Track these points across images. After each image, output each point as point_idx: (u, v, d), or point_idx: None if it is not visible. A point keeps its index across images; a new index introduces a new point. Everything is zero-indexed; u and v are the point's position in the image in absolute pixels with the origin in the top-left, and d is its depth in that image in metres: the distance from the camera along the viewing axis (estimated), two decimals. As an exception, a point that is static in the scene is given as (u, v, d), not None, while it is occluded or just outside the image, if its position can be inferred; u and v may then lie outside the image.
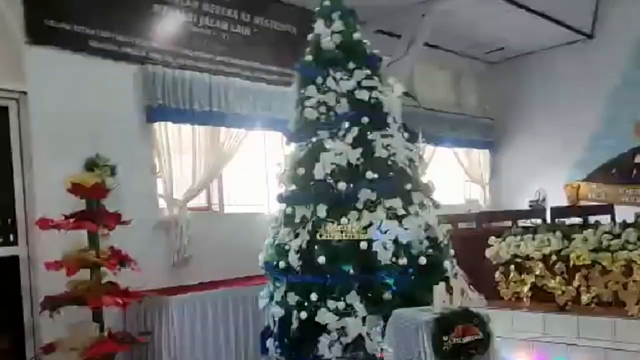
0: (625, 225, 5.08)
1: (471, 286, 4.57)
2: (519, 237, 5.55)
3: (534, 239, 5.40)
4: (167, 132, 5.82)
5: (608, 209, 7.18)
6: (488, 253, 5.72)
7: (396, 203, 4.22)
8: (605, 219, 6.27)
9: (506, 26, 8.66)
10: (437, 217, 4.63)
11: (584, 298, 4.97)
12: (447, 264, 4.21)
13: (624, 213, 6.87)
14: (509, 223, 6.77)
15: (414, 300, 3.90)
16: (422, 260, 4.11)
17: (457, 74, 10.01)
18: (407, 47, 7.20)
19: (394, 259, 4.11)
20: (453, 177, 10.07)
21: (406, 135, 4.55)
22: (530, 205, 9.70)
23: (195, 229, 5.90)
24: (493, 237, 5.75)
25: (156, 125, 5.74)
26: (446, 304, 3.36)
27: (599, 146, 9.18)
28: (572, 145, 9.39)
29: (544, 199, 9.75)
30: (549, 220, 6.57)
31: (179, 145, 5.96)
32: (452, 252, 4.37)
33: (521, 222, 6.76)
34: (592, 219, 6.30)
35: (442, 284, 3.50)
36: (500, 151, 10.48)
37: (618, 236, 4.87)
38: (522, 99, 10.10)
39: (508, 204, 9.97)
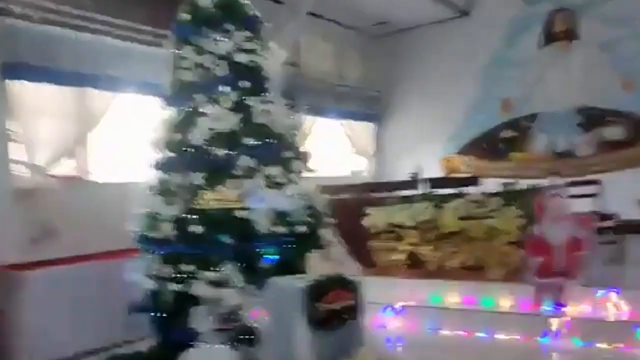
0: (490, 194, 5.43)
1: (349, 254, 4.64)
2: (396, 207, 5.76)
3: (409, 208, 5.63)
4: (27, 92, 5.24)
5: (475, 181, 7.62)
6: (366, 222, 5.88)
7: (276, 171, 4.14)
8: (475, 190, 6.66)
9: (389, 0, 8.81)
10: (320, 187, 4.63)
11: (452, 264, 5.30)
12: (325, 232, 4.22)
13: (491, 185, 7.35)
14: (388, 193, 7.02)
15: (292, 269, 3.88)
16: (301, 229, 4.08)
17: (342, 45, 10.06)
18: (290, 15, 7.06)
19: (272, 228, 4.04)
20: (340, 149, 10.22)
21: (287, 102, 4.46)
22: (410, 177, 10.08)
23: (62, 199, 5.42)
24: (371, 207, 5.93)
25: (13, 83, 5.14)
26: (322, 272, 3.36)
27: (470, 122, 9.74)
28: (447, 121, 9.87)
29: (422, 171, 10.17)
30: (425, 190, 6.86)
31: (42, 107, 5.39)
32: (330, 220, 4.38)
33: (400, 193, 7.04)
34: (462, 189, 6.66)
35: (317, 252, 3.50)
36: (384, 124, 10.78)
37: (484, 204, 5.21)
38: (404, 74, 10.41)
39: (392, 175, 10.30)
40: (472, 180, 7.06)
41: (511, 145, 9.36)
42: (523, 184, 7.15)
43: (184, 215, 4.11)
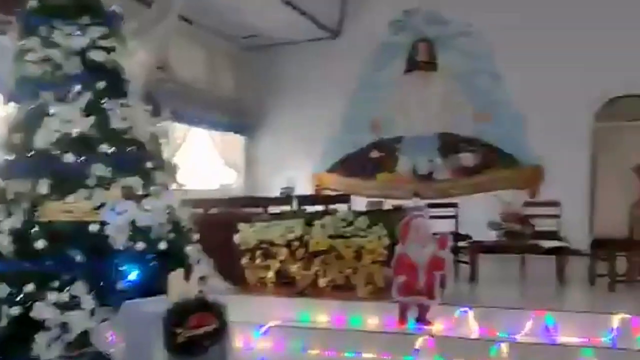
0: (358, 213, 5.49)
1: (218, 272, 4.37)
2: (266, 223, 5.61)
3: (280, 225, 5.50)
4: None
5: (346, 199, 7.77)
6: (236, 238, 5.66)
7: (135, 182, 3.76)
8: (344, 207, 6.76)
9: (260, 13, 8.75)
10: (186, 201, 4.32)
11: (321, 282, 5.25)
12: (189, 249, 3.91)
13: (360, 203, 7.53)
14: (259, 209, 6.86)
15: (151, 289, 3.52)
16: (162, 246, 3.74)
17: (214, 53, 9.79)
18: (159, 16, 6.65)
19: (130, 244, 3.65)
20: (209, 161, 9.87)
21: (149, 108, 4.09)
22: (281, 193, 10.04)
23: None
24: (242, 223, 5.72)
25: None
26: (184, 293, 3.07)
27: (341, 140, 9.96)
28: (319, 138, 10.02)
29: (294, 187, 10.18)
30: (296, 207, 6.81)
31: None
32: (196, 236, 4.09)
33: (272, 209, 6.92)
34: (333, 207, 6.72)
35: (179, 271, 3.20)
36: (256, 137, 10.65)
37: (352, 223, 5.23)
38: (277, 88, 10.39)
39: (263, 190, 10.19)
40: (343, 198, 7.15)
41: (379, 165, 9.72)
42: (388, 203, 7.48)
43: (25, 227, 3.58)
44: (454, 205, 7.27)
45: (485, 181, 8.89)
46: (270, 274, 5.45)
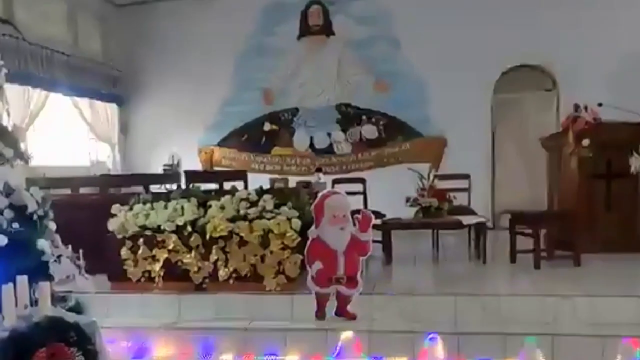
0: (262, 191, 4.68)
1: (87, 268, 3.37)
2: (148, 205, 4.61)
3: (166, 207, 4.54)
4: None
5: (242, 175, 6.94)
6: (111, 225, 4.62)
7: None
8: (239, 185, 5.89)
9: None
10: (39, 179, 3.25)
11: (222, 273, 4.39)
12: (42, 243, 2.87)
13: (256, 180, 6.72)
14: (140, 189, 5.80)
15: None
16: (2, 240, 2.68)
17: (75, 9, 8.30)
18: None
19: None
20: (75, 134, 8.44)
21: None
22: (164, 170, 8.94)
23: None
24: (117, 206, 4.68)
25: None
26: (27, 313, 2.08)
27: (231, 111, 9.03)
28: (205, 108, 9.00)
29: (178, 163, 9.10)
30: (184, 186, 5.83)
31: None
32: (52, 226, 3.05)
33: (154, 188, 5.91)
34: (227, 185, 5.85)
35: (22, 278, 2.20)
36: (131, 107, 9.33)
37: (256, 203, 4.42)
38: (154, 51, 9.14)
39: (142, 167, 8.99)
40: (239, 175, 6.29)
41: (273, 139, 8.94)
42: (292, 181, 6.76)
43: None
44: (361, 180, 6.69)
45: (389, 154, 8.46)
46: (158, 266, 4.48)
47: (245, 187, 5.99)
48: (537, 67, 7.97)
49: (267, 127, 8.98)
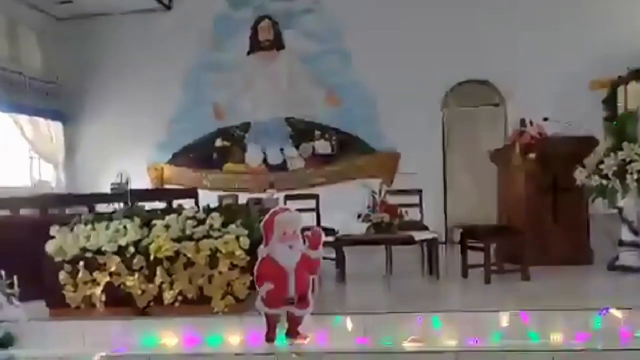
0: (209, 209, 4.54)
1: (13, 298, 3.15)
2: (90, 226, 4.39)
3: (108, 228, 4.33)
4: None
5: (192, 193, 6.78)
6: (49, 247, 4.37)
7: None
8: (189, 203, 5.73)
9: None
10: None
11: (167, 296, 4.20)
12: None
13: (207, 198, 6.59)
14: (85, 209, 5.56)
15: None
16: None
17: (15, 23, 7.99)
18: None
19: None
20: (16, 153, 8.07)
21: None
22: (112, 189, 8.66)
23: None
24: (56, 227, 4.44)
25: None
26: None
27: (181, 128, 8.86)
28: (154, 125, 8.82)
29: (127, 182, 8.84)
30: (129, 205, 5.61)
31: None
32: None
33: (103, 208, 5.68)
34: (177, 203, 5.66)
35: None
36: (77, 124, 9.03)
37: (203, 222, 4.27)
38: (99, 67, 8.91)
39: (90, 187, 8.67)
40: (189, 193, 6.12)
41: (225, 155, 8.79)
42: (242, 197, 6.62)
43: None
44: (314, 196, 6.62)
45: (342, 169, 8.45)
46: (99, 291, 4.26)
47: (196, 204, 5.85)
48: (485, 82, 8.13)
49: (218, 143, 8.84)
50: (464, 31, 7.91)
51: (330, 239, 5.63)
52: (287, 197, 6.67)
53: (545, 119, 5.85)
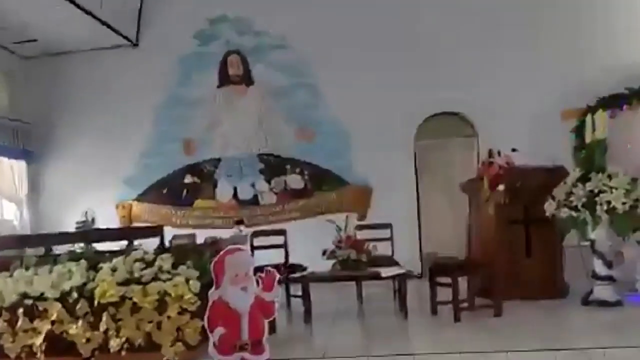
0: (160, 251, 4.31)
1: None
2: (31, 271, 4.13)
3: (51, 271, 4.07)
4: None
5: (157, 231, 6.49)
6: (-14, 294, 4.09)
7: None
8: (155, 242, 5.47)
9: (39, 14, 7.21)
10: None
11: (113, 344, 3.93)
12: None
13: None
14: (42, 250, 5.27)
15: None
16: None
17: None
18: None
19: None
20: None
21: None
22: (77, 227, 8.36)
23: None
24: (-4, 272, 4.17)
25: None
26: None
27: (149, 164, 8.62)
28: (122, 162, 8.57)
29: (92, 220, 8.55)
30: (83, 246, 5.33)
31: None
32: None
33: (66, 248, 5.38)
34: (141, 242, 5.40)
35: None
36: (41, 162, 8.76)
37: (151, 264, 4.03)
38: (66, 104, 8.71)
39: (56, 226, 8.36)
40: (153, 231, 5.85)
41: (196, 191, 8.56)
42: (205, 235, 6.35)
43: None
44: (281, 232, 6.39)
45: (314, 204, 8.23)
46: (39, 341, 3.97)
47: (162, 243, 5.58)
48: (457, 114, 8.06)
49: (188, 179, 8.61)
50: (433, 64, 7.85)
51: (296, 275, 5.43)
52: (255, 234, 6.44)
53: (514, 150, 5.73)
